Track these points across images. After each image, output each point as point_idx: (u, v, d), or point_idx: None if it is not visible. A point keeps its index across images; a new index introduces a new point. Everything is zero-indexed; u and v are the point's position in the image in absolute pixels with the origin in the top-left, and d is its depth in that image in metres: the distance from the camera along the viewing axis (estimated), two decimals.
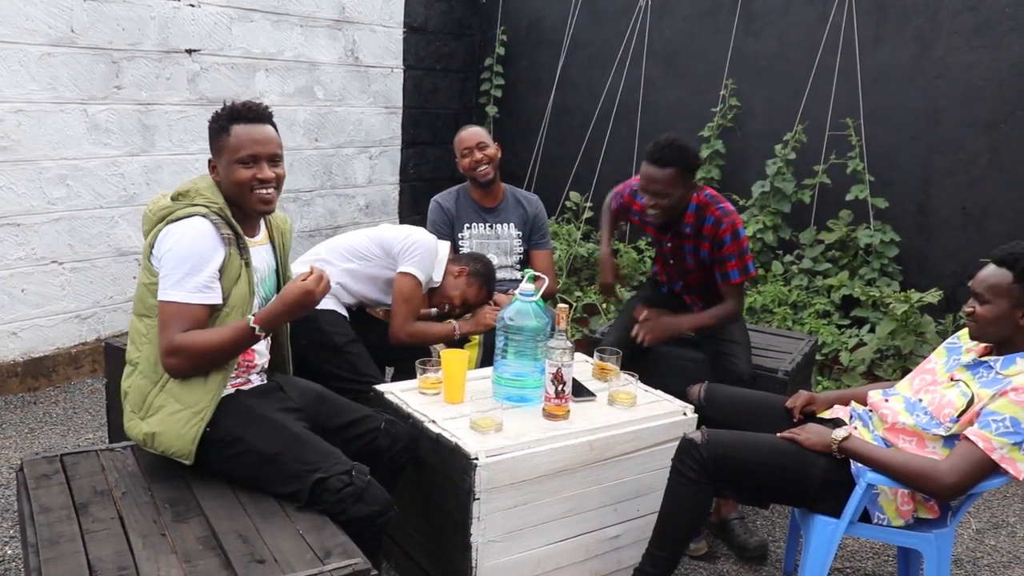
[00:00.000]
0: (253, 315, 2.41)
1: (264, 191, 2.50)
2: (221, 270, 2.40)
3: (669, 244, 3.65)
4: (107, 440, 3.74)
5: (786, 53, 5.65)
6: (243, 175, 2.46)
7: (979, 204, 4.96)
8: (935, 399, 2.60)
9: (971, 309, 2.58)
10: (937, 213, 5.13)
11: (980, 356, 2.63)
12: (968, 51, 4.94)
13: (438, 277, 3.59)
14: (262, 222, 2.66)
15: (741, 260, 3.48)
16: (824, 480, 2.61)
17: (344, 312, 3.54)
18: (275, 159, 2.52)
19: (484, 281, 3.69)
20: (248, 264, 2.49)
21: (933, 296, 4.60)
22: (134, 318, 2.49)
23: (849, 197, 5.27)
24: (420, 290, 3.49)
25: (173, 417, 2.36)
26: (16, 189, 4.41)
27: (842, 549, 3.37)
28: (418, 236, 3.51)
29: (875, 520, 2.62)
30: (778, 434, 2.70)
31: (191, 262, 2.34)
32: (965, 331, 2.79)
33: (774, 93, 5.70)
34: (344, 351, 3.35)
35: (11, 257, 4.45)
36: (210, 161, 2.54)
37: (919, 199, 5.19)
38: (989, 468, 2.43)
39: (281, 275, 2.71)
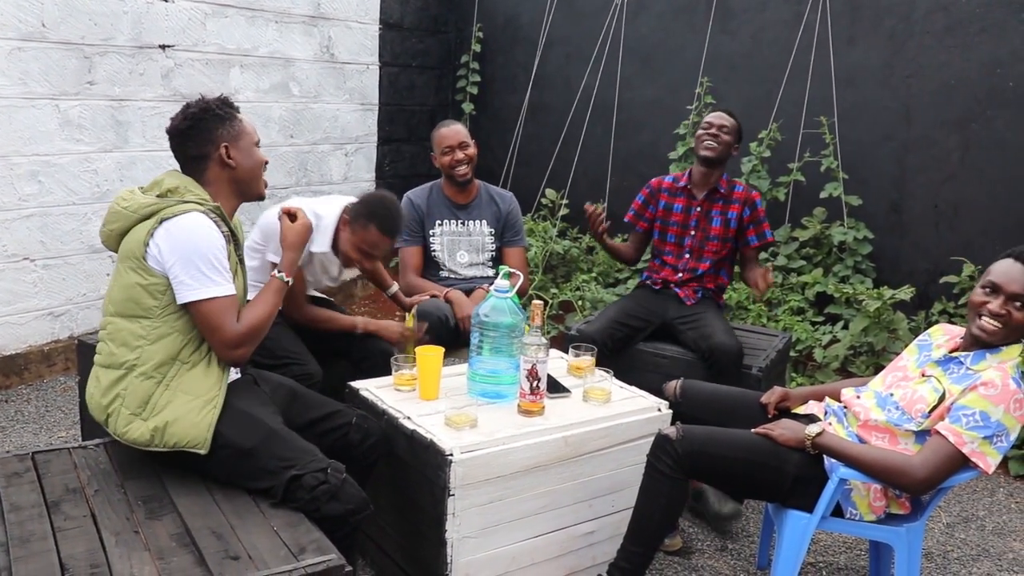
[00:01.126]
0: (277, 269, 2.61)
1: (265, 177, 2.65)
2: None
3: (699, 208, 3.94)
4: (80, 438, 3.71)
5: (761, 52, 5.68)
6: (262, 156, 2.60)
7: (951, 202, 5.01)
8: (907, 395, 2.63)
9: (1004, 312, 2.50)
10: (910, 211, 5.18)
11: (951, 352, 2.66)
12: (940, 51, 5.00)
13: (318, 247, 3.36)
14: None
15: (768, 224, 4.01)
16: (797, 475, 2.63)
17: None
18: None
19: (366, 219, 3.28)
20: (241, 261, 2.54)
21: (905, 293, 4.65)
22: (119, 320, 2.41)
23: (823, 195, 5.32)
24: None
25: (185, 407, 2.35)
26: None
27: (815, 543, 3.40)
28: (263, 220, 3.33)
29: (847, 515, 2.65)
30: (752, 430, 2.72)
31: (211, 255, 2.35)
32: (936, 328, 2.82)
33: (749, 91, 5.73)
34: None
35: None
36: (224, 148, 2.49)
37: (892, 197, 5.24)
38: (959, 462, 2.46)
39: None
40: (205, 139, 2.48)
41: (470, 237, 4.01)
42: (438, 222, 3.99)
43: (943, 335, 2.76)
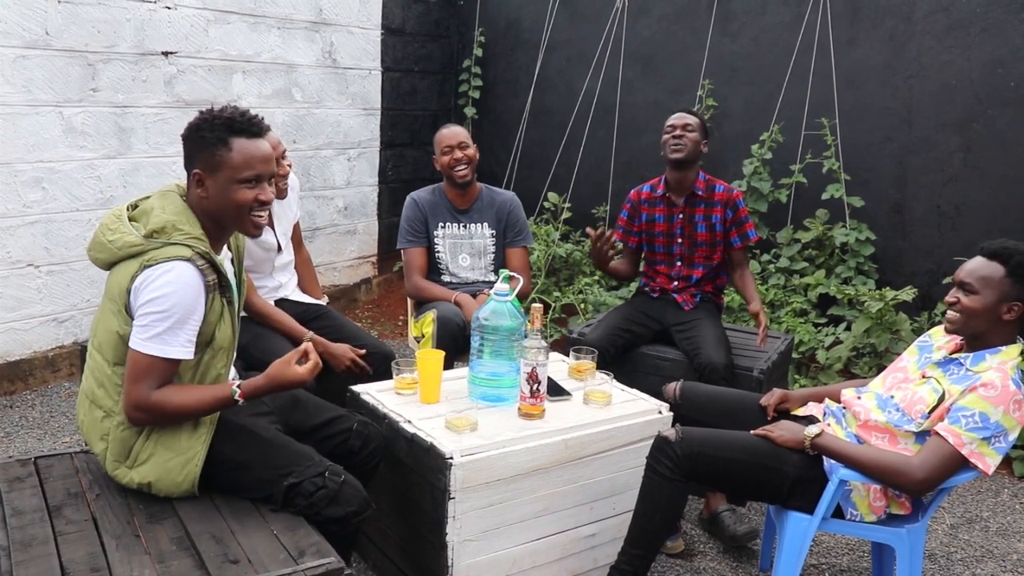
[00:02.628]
0: (239, 385, 2.32)
1: (260, 215, 2.38)
2: (203, 316, 2.29)
3: (681, 215, 3.85)
4: (84, 443, 3.72)
5: (762, 53, 5.69)
6: (246, 196, 2.32)
7: (953, 203, 5.01)
8: (907, 396, 2.63)
9: (955, 299, 2.58)
10: (912, 212, 5.18)
11: (951, 353, 2.66)
12: (941, 51, 5.00)
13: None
14: None
15: (751, 223, 3.93)
16: (797, 477, 2.63)
17: None
18: (273, 177, 2.42)
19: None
20: (230, 302, 2.38)
21: (908, 294, 4.65)
22: (100, 359, 2.32)
23: (825, 196, 5.31)
24: None
25: (166, 467, 2.29)
26: None
27: (817, 545, 3.40)
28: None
29: (848, 516, 2.65)
30: (752, 432, 2.72)
31: (176, 316, 2.19)
32: (936, 329, 2.82)
33: (750, 93, 5.73)
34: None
35: None
36: (196, 174, 2.31)
37: (894, 198, 5.23)
38: (959, 463, 2.47)
39: (239, 283, 2.57)
40: (187, 159, 2.36)
41: (471, 240, 4.01)
42: (440, 224, 3.99)
43: (944, 337, 2.75)
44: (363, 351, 3.45)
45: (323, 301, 3.81)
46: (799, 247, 5.42)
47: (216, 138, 2.29)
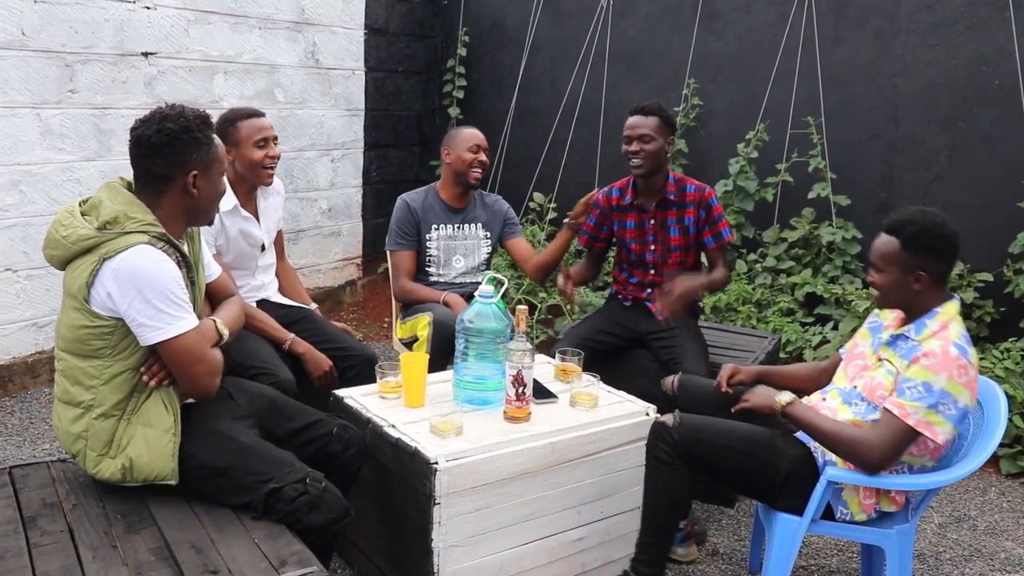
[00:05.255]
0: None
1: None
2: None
3: (653, 220, 3.69)
4: (63, 450, 3.66)
5: (747, 52, 5.67)
6: (224, 186, 2.51)
7: (939, 201, 5.00)
8: (867, 383, 2.64)
9: (872, 278, 2.64)
10: (898, 210, 5.16)
11: (897, 329, 2.67)
12: (926, 49, 4.99)
13: (227, 204, 3.32)
14: None
15: (725, 221, 3.73)
16: (790, 472, 2.63)
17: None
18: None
19: (228, 124, 3.36)
20: (193, 282, 2.42)
21: None
22: (70, 357, 2.31)
23: (811, 195, 5.30)
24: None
25: (147, 440, 2.28)
26: None
27: (806, 546, 3.38)
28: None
29: (838, 515, 2.64)
30: (733, 409, 2.74)
31: (167, 291, 2.22)
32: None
33: (736, 92, 5.72)
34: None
35: None
36: (195, 176, 2.34)
37: (880, 196, 5.22)
38: (909, 435, 2.48)
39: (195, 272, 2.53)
40: (175, 161, 2.32)
41: (466, 241, 3.99)
42: (434, 226, 3.95)
43: (891, 313, 2.76)
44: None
45: (312, 307, 3.76)
46: (785, 246, 5.40)
47: (207, 138, 2.36)
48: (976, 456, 2.56)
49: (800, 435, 2.74)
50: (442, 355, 3.49)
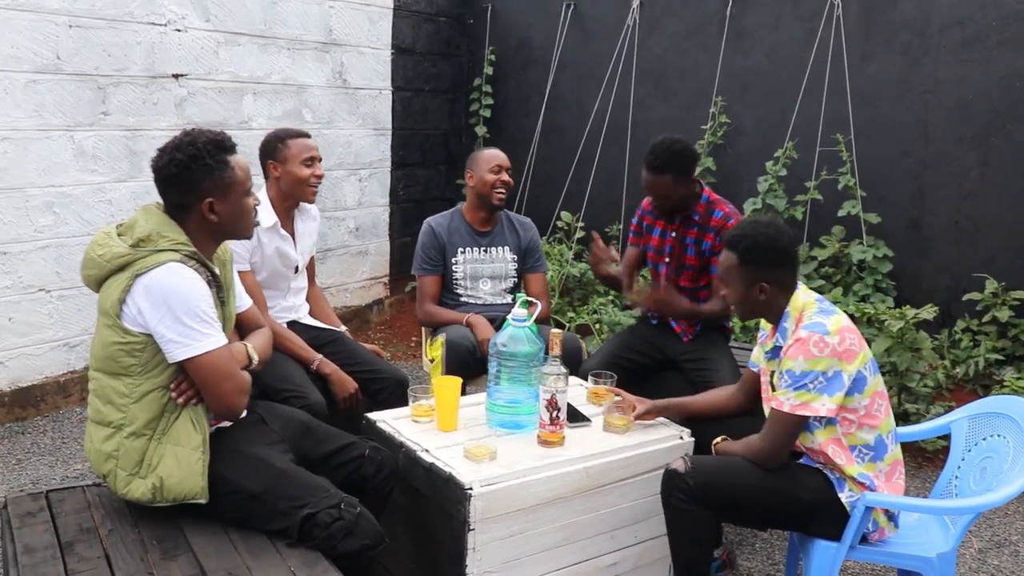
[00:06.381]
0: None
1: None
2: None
3: (674, 234, 3.64)
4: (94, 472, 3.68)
5: (775, 69, 5.65)
6: (250, 204, 2.50)
7: (972, 218, 4.95)
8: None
9: (722, 293, 2.74)
10: (930, 228, 5.12)
11: (769, 343, 2.73)
12: (957, 65, 4.95)
13: (267, 221, 3.38)
14: None
15: None
16: (813, 502, 2.60)
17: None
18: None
19: (278, 141, 3.47)
20: (224, 303, 2.45)
21: (928, 312, 4.58)
22: (102, 376, 2.34)
23: (841, 213, 5.26)
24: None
25: (177, 459, 2.30)
26: (2, 217, 4.37)
27: (843, 571, 3.33)
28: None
29: (869, 535, 2.61)
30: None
31: (196, 308, 2.26)
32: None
33: (764, 110, 5.69)
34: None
35: None
36: (211, 203, 2.37)
37: (911, 214, 5.18)
38: (791, 421, 2.55)
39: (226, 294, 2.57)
40: (189, 190, 2.37)
41: (493, 264, 3.96)
42: (460, 250, 3.93)
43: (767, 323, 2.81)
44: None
45: (342, 329, 3.77)
46: (815, 264, 5.36)
47: (219, 163, 2.38)
48: (1015, 480, 2.52)
49: (806, 460, 2.70)
50: (459, 376, 3.48)
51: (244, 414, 2.53)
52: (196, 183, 2.36)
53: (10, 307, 4.47)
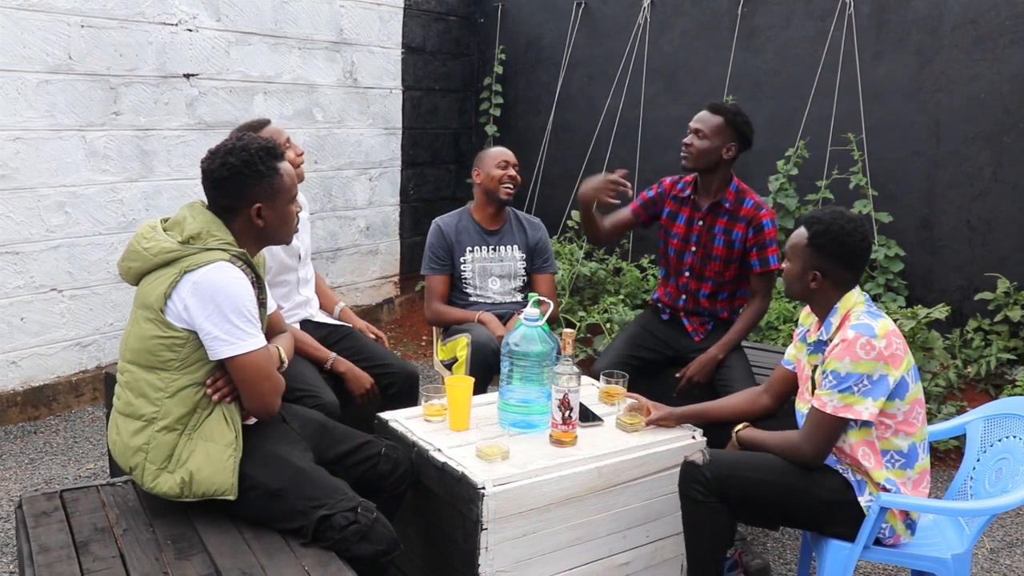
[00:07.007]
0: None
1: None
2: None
3: (701, 223, 3.59)
4: (108, 470, 3.69)
5: (786, 68, 5.63)
6: (294, 211, 2.55)
7: (983, 217, 4.93)
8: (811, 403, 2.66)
9: (782, 266, 2.75)
10: (942, 227, 5.10)
11: (813, 336, 2.72)
12: (969, 64, 4.93)
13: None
14: None
15: (777, 248, 3.52)
16: (831, 501, 2.58)
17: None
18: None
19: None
20: (263, 304, 2.47)
21: (940, 312, 4.57)
22: (136, 369, 2.34)
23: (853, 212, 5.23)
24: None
25: (208, 455, 2.31)
26: (14, 217, 4.38)
27: (855, 572, 3.32)
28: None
29: (883, 538, 2.59)
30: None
31: (243, 307, 2.28)
32: (803, 313, 2.85)
33: (775, 109, 5.68)
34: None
35: (10, 286, 4.41)
36: (259, 208, 2.42)
37: (923, 213, 5.16)
38: (833, 423, 2.54)
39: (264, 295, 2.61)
40: (239, 194, 2.40)
41: (502, 263, 3.96)
42: (469, 249, 3.93)
43: (809, 316, 2.80)
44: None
45: (340, 305, 3.83)
46: None
47: (270, 169, 2.41)
48: None
49: (830, 461, 2.68)
50: (481, 376, 3.48)
51: None
52: (247, 188, 2.38)
53: (22, 307, 4.48)
